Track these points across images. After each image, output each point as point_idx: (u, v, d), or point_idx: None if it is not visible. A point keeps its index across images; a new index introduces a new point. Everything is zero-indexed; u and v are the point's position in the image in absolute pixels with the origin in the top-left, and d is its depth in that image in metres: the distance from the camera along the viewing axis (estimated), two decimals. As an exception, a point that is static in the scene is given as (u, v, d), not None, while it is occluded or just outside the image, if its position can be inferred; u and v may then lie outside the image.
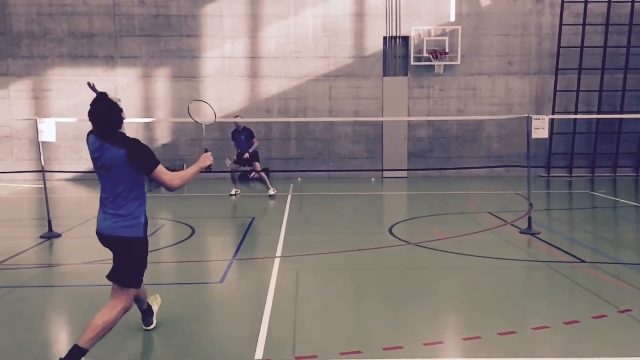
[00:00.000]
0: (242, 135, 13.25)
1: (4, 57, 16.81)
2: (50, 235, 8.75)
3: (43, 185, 9.33)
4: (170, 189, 4.14)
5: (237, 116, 13.80)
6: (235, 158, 13.37)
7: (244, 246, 8.26)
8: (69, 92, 16.75)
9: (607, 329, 4.84)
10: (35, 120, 9.00)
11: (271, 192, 13.03)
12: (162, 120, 16.87)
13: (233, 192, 13.47)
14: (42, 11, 16.75)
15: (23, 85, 16.91)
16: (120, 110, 4.21)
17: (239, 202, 12.64)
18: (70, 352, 3.92)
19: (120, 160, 4.01)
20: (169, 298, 5.91)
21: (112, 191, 4.12)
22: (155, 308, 4.96)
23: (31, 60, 16.88)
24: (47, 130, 8.99)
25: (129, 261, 4.21)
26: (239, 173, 14.26)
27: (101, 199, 4.23)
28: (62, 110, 16.54)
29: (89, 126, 4.22)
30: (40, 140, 8.97)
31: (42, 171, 9.29)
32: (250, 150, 13.15)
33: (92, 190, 15.11)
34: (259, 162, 13.46)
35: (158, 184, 4.15)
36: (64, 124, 15.37)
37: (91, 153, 4.17)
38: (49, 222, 8.87)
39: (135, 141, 4.09)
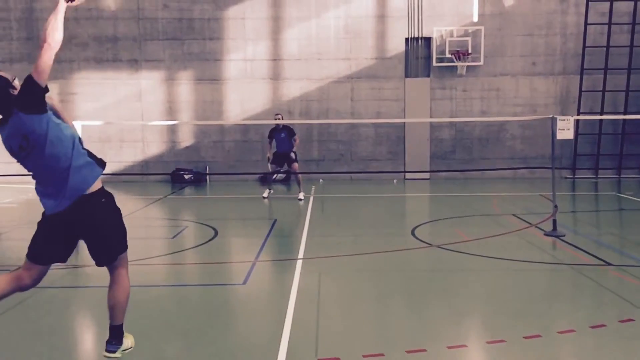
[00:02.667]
0: (282, 133, 12.87)
1: (31, 61, 17.09)
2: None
3: (69, 188, 9.45)
4: (47, 43, 3.55)
5: (277, 114, 13.51)
6: (272, 157, 13.06)
7: (266, 248, 8.29)
8: (95, 96, 16.98)
9: (634, 333, 4.76)
10: (62, 124, 9.11)
11: (301, 196, 12.81)
12: (186, 123, 17.01)
13: (265, 195, 13.07)
14: (67, 16, 16.87)
15: (50, 89, 17.16)
16: (7, 81, 3.71)
17: (262, 204, 12.68)
18: (113, 333, 4.07)
19: (26, 123, 3.61)
20: (192, 299, 5.97)
21: (49, 164, 3.70)
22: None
23: (57, 64, 17.15)
24: (73, 133, 9.11)
25: (104, 224, 3.89)
26: (275, 174, 13.97)
27: (41, 182, 3.80)
28: (88, 113, 16.77)
29: (115, 130, 4.25)
30: (66, 143, 9.09)
31: (69, 173, 9.41)
32: (295, 150, 12.91)
33: (118, 193, 15.26)
34: (297, 162, 13.09)
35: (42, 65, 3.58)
36: (90, 126, 15.59)
37: (3, 142, 3.75)
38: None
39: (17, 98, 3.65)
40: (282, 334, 4.77)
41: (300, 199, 12.75)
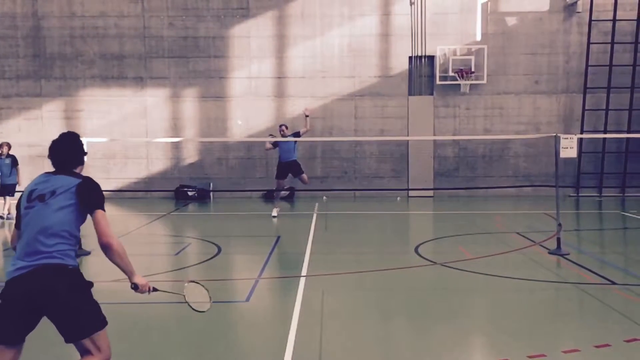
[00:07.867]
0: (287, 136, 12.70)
1: (37, 78, 17.26)
2: (80, 253, 8.87)
3: (74, 204, 9.48)
4: (104, 242, 3.62)
5: (282, 125, 13.27)
6: (277, 171, 12.93)
7: (269, 265, 8.28)
8: (100, 113, 17.09)
9: (639, 353, 4.73)
10: (67, 140, 9.16)
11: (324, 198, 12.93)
12: (190, 140, 17.09)
13: (275, 214, 12.63)
14: (74, 34, 17.20)
15: (55, 106, 17.32)
16: (84, 151, 4.07)
17: (265, 221, 12.68)
18: None
19: (69, 188, 3.70)
20: (195, 317, 5.95)
21: (44, 224, 3.57)
22: None
23: (64, 81, 17.30)
24: (79, 150, 9.15)
25: (80, 295, 3.60)
26: (282, 190, 13.59)
27: (24, 244, 3.56)
28: (93, 130, 16.87)
29: (119, 146, 4.28)
30: (71, 159, 9.13)
31: (73, 190, 9.44)
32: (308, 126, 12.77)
33: (121, 209, 15.33)
34: (304, 173, 12.80)
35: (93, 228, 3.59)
36: (95, 143, 15.66)
37: (29, 188, 3.82)
38: (79, 240, 9.01)
39: (89, 178, 3.83)
40: (285, 353, 4.75)
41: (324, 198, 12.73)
